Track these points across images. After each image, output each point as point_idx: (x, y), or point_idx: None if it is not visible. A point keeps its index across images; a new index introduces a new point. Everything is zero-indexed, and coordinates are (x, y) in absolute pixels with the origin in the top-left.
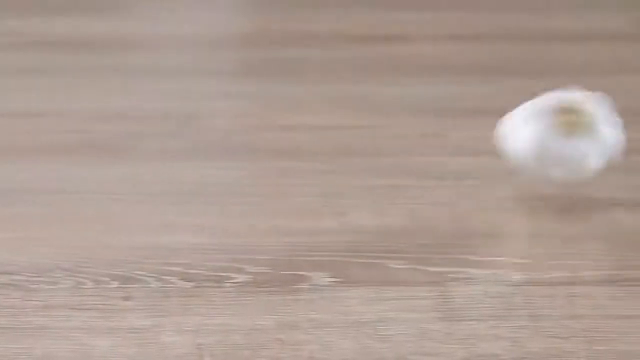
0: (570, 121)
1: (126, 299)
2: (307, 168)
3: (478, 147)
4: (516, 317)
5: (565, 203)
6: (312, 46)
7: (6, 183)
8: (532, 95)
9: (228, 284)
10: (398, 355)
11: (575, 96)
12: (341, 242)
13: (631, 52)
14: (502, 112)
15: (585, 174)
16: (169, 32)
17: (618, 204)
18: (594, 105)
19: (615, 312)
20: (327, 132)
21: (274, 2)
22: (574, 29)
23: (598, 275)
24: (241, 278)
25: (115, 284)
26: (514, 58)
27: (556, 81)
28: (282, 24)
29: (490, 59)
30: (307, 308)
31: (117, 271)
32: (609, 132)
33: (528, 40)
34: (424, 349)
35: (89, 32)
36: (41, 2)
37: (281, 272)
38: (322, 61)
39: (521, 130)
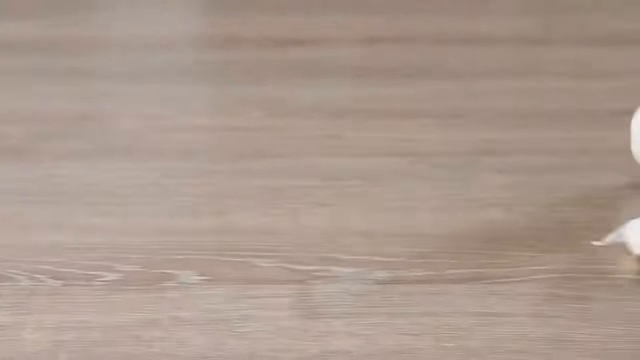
0: None
1: None
2: (196, 168)
3: (369, 149)
4: (374, 314)
5: (440, 204)
6: (235, 49)
7: None
8: (445, 97)
9: (97, 282)
10: (252, 352)
11: None
12: (216, 241)
13: (536, 55)
14: (407, 114)
15: None
16: (91, 34)
17: (492, 204)
18: None
19: (469, 310)
20: (227, 133)
21: (199, 5)
22: (487, 32)
23: (459, 273)
24: (111, 276)
25: None
26: (425, 61)
27: (469, 83)
28: (206, 28)
29: (404, 62)
30: (171, 306)
31: None
32: None
33: (440, 43)
34: (279, 345)
35: (6, 34)
36: None
37: (152, 271)
38: (245, 64)
39: None
